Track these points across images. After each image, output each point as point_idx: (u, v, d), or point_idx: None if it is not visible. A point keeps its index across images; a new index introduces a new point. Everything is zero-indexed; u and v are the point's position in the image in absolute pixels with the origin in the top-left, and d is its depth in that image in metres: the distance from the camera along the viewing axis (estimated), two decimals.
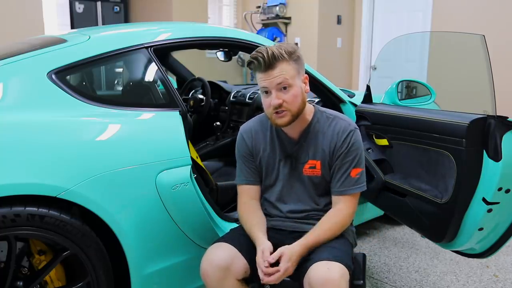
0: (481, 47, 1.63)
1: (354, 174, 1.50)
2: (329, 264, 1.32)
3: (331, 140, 1.51)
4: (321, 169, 1.52)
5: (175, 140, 1.61)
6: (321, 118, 1.54)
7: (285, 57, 1.40)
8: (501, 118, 1.56)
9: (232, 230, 1.59)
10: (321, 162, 1.52)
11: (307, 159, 1.53)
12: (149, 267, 1.57)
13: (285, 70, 1.40)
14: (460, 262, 2.44)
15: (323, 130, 1.53)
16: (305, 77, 1.49)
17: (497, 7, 4.52)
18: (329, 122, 1.53)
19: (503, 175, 1.54)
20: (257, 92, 2.71)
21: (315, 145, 1.53)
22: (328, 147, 1.51)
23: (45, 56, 1.53)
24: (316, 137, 1.53)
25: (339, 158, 1.50)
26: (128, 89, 2.04)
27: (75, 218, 1.39)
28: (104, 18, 5.61)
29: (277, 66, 1.40)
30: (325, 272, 1.29)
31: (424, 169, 1.78)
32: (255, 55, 1.41)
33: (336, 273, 1.30)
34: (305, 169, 1.54)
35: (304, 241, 1.42)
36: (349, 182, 1.50)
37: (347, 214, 1.50)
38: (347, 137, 1.49)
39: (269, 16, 6.02)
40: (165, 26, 1.98)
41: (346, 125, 1.52)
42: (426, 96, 2.24)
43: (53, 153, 1.36)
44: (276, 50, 1.39)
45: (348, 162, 1.50)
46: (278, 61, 1.40)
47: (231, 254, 1.41)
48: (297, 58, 1.44)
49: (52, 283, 1.45)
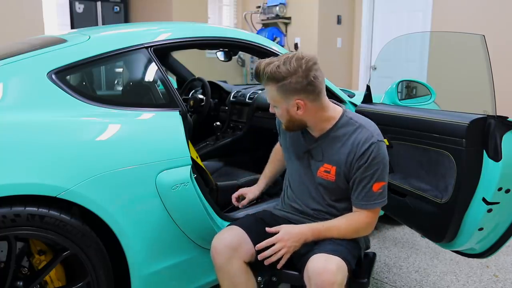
0: (481, 47, 1.63)
1: (376, 188, 1.44)
2: (328, 256, 1.34)
3: (350, 150, 1.45)
4: (335, 176, 1.49)
5: (175, 140, 1.61)
6: (345, 124, 1.49)
7: (270, 80, 1.40)
8: (501, 118, 1.56)
9: (247, 216, 1.67)
10: (336, 168, 1.48)
11: (322, 161, 1.52)
12: (149, 267, 1.57)
13: (270, 90, 1.44)
14: (460, 262, 2.44)
15: (344, 137, 1.48)
16: (297, 102, 1.41)
17: (497, 7, 4.52)
18: (353, 130, 1.47)
19: (503, 175, 1.54)
20: (257, 92, 2.71)
21: (333, 150, 1.49)
22: (346, 156, 1.46)
23: (45, 56, 1.53)
24: (335, 142, 1.49)
25: (359, 171, 1.44)
26: (128, 89, 2.04)
27: (75, 218, 1.39)
28: (104, 18, 5.61)
29: (265, 84, 1.44)
30: (322, 263, 1.32)
31: (424, 169, 1.78)
32: (255, 67, 1.45)
33: (334, 265, 1.31)
34: (320, 171, 1.52)
35: (314, 225, 1.47)
36: (371, 197, 1.45)
37: (365, 223, 1.48)
38: (367, 149, 1.42)
39: (269, 16, 6.02)
40: (165, 26, 1.98)
41: (368, 136, 1.44)
42: (426, 96, 2.25)
43: (53, 153, 1.36)
44: (269, 69, 1.38)
45: (368, 176, 1.43)
46: (265, 82, 1.42)
47: (241, 237, 1.48)
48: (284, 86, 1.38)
49: (52, 283, 1.45)
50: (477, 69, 1.75)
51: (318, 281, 1.30)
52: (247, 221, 1.59)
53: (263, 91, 2.70)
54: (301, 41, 5.80)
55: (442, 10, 4.98)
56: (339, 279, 1.30)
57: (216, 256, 1.47)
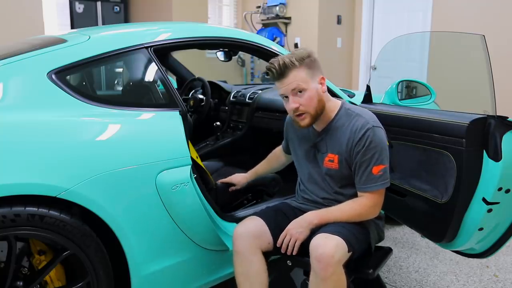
0: (481, 47, 1.63)
1: (376, 171, 1.54)
2: (328, 235, 1.46)
3: (348, 136, 1.57)
4: (338, 163, 1.60)
5: (175, 140, 1.61)
6: (344, 115, 1.61)
7: (295, 64, 1.52)
8: (501, 118, 1.56)
9: (267, 208, 1.77)
10: (338, 156, 1.60)
11: (326, 152, 1.63)
12: (149, 267, 1.57)
13: (297, 76, 1.52)
14: (460, 262, 2.44)
15: (343, 126, 1.60)
16: (320, 78, 1.58)
17: (497, 7, 4.52)
18: (350, 119, 1.59)
19: (503, 175, 1.54)
20: (257, 92, 2.71)
21: (334, 140, 1.61)
22: (345, 143, 1.58)
23: (45, 56, 1.53)
24: (336, 133, 1.61)
25: (358, 156, 1.55)
26: (128, 89, 2.04)
27: (75, 218, 1.39)
28: (104, 18, 5.61)
29: (289, 74, 1.52)
30: (323, 239, 1.44)
31: (424, 169, 1.78)
32: (269, 67, 1.55)
33: (333, 241, 1.43)
34: (325, 162, 1.64)
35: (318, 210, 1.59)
36: (372, 179, 1.54)
37: (367, 205, 1.56)
38: (364, 135, 1.53)
39: (269, 16, 6.02)
40: (165, 26, 1.97)
41: (364, 122, 1.55)
42: (426, 96, 2.24)
43: (53, 153, 1.36)
44: (287, 59, 1.52)
45: (367, 159, 1.54)
46: (289, 69, 1.52)
47: (262, 227, 1.61)
48: (310, 62, 1.54)
49: (52, 283, 1.45)
50: (477, 69, 1.75)
51: (317, 253, 1.41)
52: (267, 213, 1.70)
53: (263, 91, 2.70)
54: (301, 41, 5.80)
55: (442, 10, 4.98)
56: (337, 256, 1.41)
57: (240, 241, 1.57)
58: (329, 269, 1.40)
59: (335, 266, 1.41)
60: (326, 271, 1.40)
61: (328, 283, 1.41)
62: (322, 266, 1.40)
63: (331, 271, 1.40)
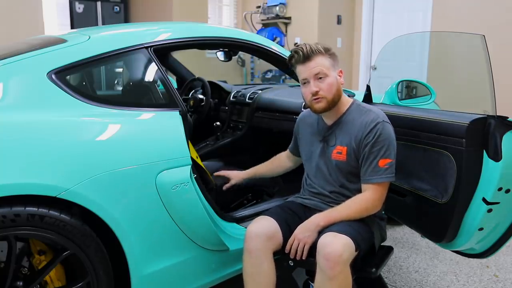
0: (481, 47, 1.63)
1: (383, 164, 1.57)
2: (336, 234, 1.48)
3: (358, 129, 1.62)
4: (346, 155, 1.64)
5: (175, 140, 1.61)
6: (355, 110, 1.68)
7: (321, 51, 1.60)
8: (501, 118, 1.56)
9: (277, 206, 1.78)
10: (347, 148, 1.64)
11: (335, 144, 1.67)
12: (149, 267, 1.57)
13: (321, 62, 1.60)
14: (460, 262, 2.44)
15: (354, 120, 1.65)
16: (339, 71, 1.66)
17: (497, 7, 4.52)
18: (361, 114, 1.65)
19: (503, 175, 1.54)
20: (257, 92, 2.71)
21: (344, 132, 1.66)
22: (355, 135, 1.62)
23: (45, 56, 1.53)
24: (346, 126, 1.66)
25: (367, 148, 1.59)
26: (128, 89, 2.04)
27: (75, 218, 1.39)
28: (104, 18, 5.61)
29: (314, 59, 1.60)
30: (330, 238, 1.46)
31: (424, 169, 1.78)
32: (296, 49, 1.62)
33: (341, 240, 1.45)
34: (333, 154, 1.68)
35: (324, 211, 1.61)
36: (377, 172, 1.58)
37: (371, 199, 1.59)
38: (373, 128, 1.59)
39: (269, 16, 6.02)
40: (165, 26, 1.98)
41: (374, 117, 1.61)
42: (426, 96, 2.24)
43: (53, 153, 1.36)
44: (314, 46, 1.60)
45: (375, 152, 1.58)
46: (315, 54, 1.60)
47: (275, 227, 1.63)
48: (332, 54, 1.64)
49: (52, 283, 1.45)
50: (477, 69, 1.75)
51: (325, 252, 1.42)
52: (277, 213, 1.71)
53: (263, 91, 2.70)
54: (301, 41, 5.80)
55: (442, 10, 4.98)
56: (345, 255, 1.43)
57: (253, 241, 1.58)
58: (336, 268, 1.41)
59: (342, 265, 1.41)
60: (333, 270, 1.41)
61: (334, 282, 1.42)
62: (330, 265, 1.41)
63: (339, 270, 1.41)
